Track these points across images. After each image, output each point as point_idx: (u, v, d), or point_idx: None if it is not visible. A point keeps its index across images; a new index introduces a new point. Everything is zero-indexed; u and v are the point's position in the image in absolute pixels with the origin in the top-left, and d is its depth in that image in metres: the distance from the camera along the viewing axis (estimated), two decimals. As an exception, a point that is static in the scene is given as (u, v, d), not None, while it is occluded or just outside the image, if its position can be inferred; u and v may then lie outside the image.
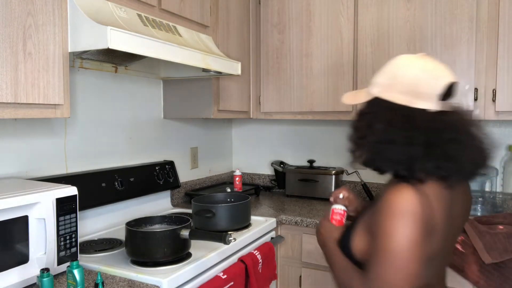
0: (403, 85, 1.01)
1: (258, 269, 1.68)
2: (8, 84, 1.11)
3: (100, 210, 1.79)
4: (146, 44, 1.32)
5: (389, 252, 0.94)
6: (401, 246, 0.93)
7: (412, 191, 0.95)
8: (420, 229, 0.93)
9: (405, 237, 0.93)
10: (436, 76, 1.00)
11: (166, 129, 2.27)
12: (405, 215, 0.93)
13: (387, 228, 0.95)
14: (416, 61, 1.03)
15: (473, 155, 1.02)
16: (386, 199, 0.97)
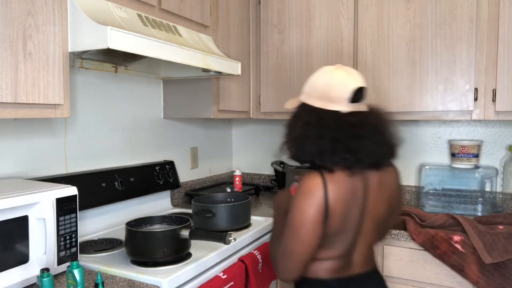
0: (318, 91, 1.24)
1: (258, 269, 1.68)
2: (8, 84, 1.11)
3: (100, 210, 1.79)
4: (146, 44, 1.32)
5: (292, 224, 1.17)
6: (301, 220, 1.15)
7: (318, 178, 1.16)
8: (318, 208, 1.14)
9: (305, 213, 1.15)
10: (344, 83, 1.21)
11: (166, 129, 2.27)
12: (308, 196, 1.15)
13: (294, 205, 1.17)
14: (330, 71, 1.25)
15: (374, 148, 1.21)
16: (302, 180, 1.19)
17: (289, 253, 1.18)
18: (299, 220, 1.16)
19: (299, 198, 1.17)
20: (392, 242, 1.86)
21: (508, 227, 1.72)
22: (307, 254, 1.18)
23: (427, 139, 2.36)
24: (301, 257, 1.18)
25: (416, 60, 2.02)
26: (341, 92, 1.21)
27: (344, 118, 1.20)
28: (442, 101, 1.98)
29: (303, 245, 1.16)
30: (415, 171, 2.39)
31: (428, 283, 1.80)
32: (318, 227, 1.15)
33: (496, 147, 2.21)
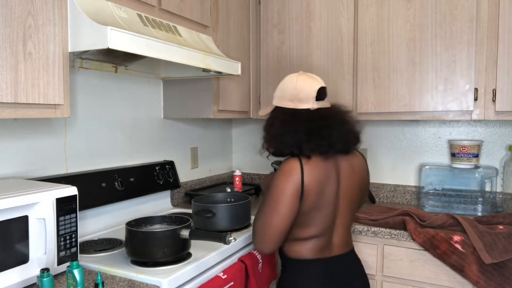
0: (289, 94, 1.46)
1: (258, 269, 1.68)
2: (8, 84, 1.11)
3: (100, 210, 1.79)
4: (146, 44, 1.32)
5: (271, 200, 1.37)
6: (279, 196, 1.35)
7: (296, 161, 1.37)
8: (295, 186, 1.34)
9: (283, 190, 1.35)
10: (309, 85, 1.45)
11: (166, 129, 2.27)
12: (285, 175, 1.36)
13: (274, 183, 1.39)
14: (295, 77, 1.49)
15: (342, 135, 1.42)
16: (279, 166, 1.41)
17: (267, 226, 1.38)
18: (278, 196, 1.36)
19: (279, 177, 1.38)
20: (392, 242, 1.86)
21: (508, 227, 1.72)
22: (282, 227, 1.37)
23: (427, 139, 2.36)
24: (277, 229, 1.37)
25: (416, 60, 2.02)
26: (308, 93, 1.45)
27: (314, 113, 1.43)
28: (442, 101, 1.98)
29: (280, 218, 1.36)
30: (415, 171, 2.39)
31: (428, 283, 1.80)
32: (294, 203, 1.35)
33: (496, 147, 2.21)
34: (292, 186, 1.35)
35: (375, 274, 1.91)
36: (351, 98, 2.19)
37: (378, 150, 2.48)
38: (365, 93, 2.15)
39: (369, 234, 1.89)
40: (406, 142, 2.41)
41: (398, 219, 1.86)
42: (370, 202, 2.41)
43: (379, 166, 2.48)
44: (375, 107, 2.13)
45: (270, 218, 1.37)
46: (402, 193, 2.40)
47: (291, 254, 1.47)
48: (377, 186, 2.47)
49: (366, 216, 1.95)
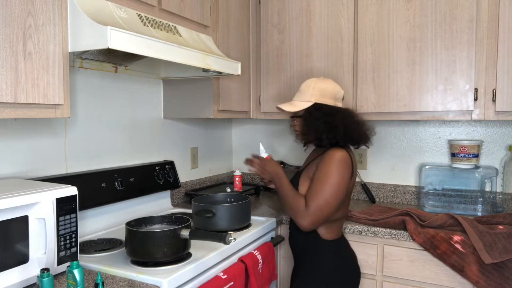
0: (330, 93, 1.67)
1: (258, 269, 1.68)
2: (8, 84, 1.11)
3: (100, 210, 1.79)
4: (146, 44, 1.32)
5: (331, 184, 1.54)
6: (341, 181, 1.55)
7: (343, 150, 1.60)
8: (348, 172, 1.58)
9: (344, 177, 1.56)
10: (339, 88, 1.71)
11: (166, 129, 2.27)
12: (341, 163, 1.56)
13: (329, 169, 1.56)
14: (328, 80, 1.72)
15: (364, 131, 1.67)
16: (328, 155, 1.58)
17: (327, 207, 1.54)
18: (340, 181, 1.55)
19: (338, 165, 1.56)
20: (392, 242, 1.86)
21: (508, 227, 1.72)
22: (335, 209, 1.57)
23: (427, 139, 2.36)
24: (332, 210, 1.56)
25: (416, 60, 2.02)
26: (340, 94, 1.71)
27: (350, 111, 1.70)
28: (442, 101, 1.98)
29: (338, 201, 1.56)
30: (415, 171, 2.39)
31: (428, 283, 1.80)
32: (346, 187, 1.58)
33: (496, 147, 2.21)
34: (348, 172, 1.58)
35: (375, 274, 1.91)
36: (351, 98, 2.19)
37: (378, 150, 2.48)
38: (365, 93, 2.15)
39: (369, 234, 1.89)
40: (406, 142, 2.41)
41: (398, 219, 1.86)
42: (370, 202, 2.41)
43: (379, 166, 2.48)
44: (375, 107, 2.13)
45: (332, 200, 1.54)
46: (402, 193, 2.40)
47: (326, 236, 1.65)
48: (377, 186, 2.47)
49: (366, 216, 1.95)
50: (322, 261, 1.65)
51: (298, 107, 1.67)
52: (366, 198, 2.48)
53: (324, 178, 1.55)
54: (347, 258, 1.71)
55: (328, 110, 1.64)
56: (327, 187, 1.54)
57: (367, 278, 1.92)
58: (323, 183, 1.55)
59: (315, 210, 1.54)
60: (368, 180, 2.50)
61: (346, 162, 1.57)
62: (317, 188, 1.55)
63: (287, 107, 1.70)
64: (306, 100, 1.67)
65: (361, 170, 2.52)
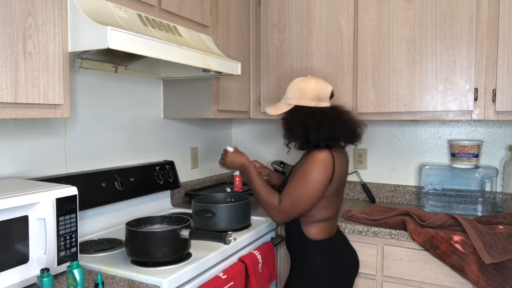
0: (310, 94, 1.65)
1: (258, 269, 1.68)
2: (8, 84, 1.11)
3: (100, 210, 1.79)
4: (146, 44, 1.32)
5: (306, 183, 1.57)
6: (316, 183, 1.57)
7: (327, 152, 1.60)
8: (328, 175, 1.58)
9: (320, 178, 1.57)
10: (326, 87, 1.68)
11: (166, 129, 2.27)
12: (323, 165, 1.57)
13: (308, 170, 1.58)
14: (311, 80, 1.68)
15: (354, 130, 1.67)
16: (310, 156, 1.60)
17: (296, 205, 1.59)
18: (314, 183, 1.56)
19: (317, 166, 1.57)
20: (392, 242, 1.86)
21: (508, 227, 1.72)
22: (308, 209, 1.60)
23: (427, 139, 2.36)
24: (303, 210, 1.60)
25: (416, 60, 2.02)
26: (325, 93, 1.68)
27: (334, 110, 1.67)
28: (442, 101, 1.98)
29: (310, 201, 1.58)
30: (415, 171, 2.39)
31: (428, 283, 1.80)
32: (324, 190, 1.59)
33: (496, 147, 2.21)
34: (326, 176, 1.57)
35: (375, 274, 1.91)
36: (351, 98, 2.19)
37: (378, 150, 2.48)
38: (365, 93, 2.15)
39: (369, 234, 1.89)
40: (406, 142, 2.41)
41: (398, 219, 1.86)
42: (370, 202, 2.41)
43: (379, 166, 2.48)
44: (375, 107, 2.13)
45: (302, 199, 1.58)
46: (402, 193, 2.40)
47: (311, 236, 1.67)
48: (377, 186, 2.47)
49: (366, 216, 1.95)
50: (312, 261, 1.66)
51: (280, 109, 1.70)
52: (366, 198, 2.48)
53: (301, 178, 1.59)
54: (337, 258, 1.70)
55: (306, 112, 1.64)
56: (302, 186, 1.57)
57: (367, 278, 1.92)
58: (299, 182, 1.59)
59: (288, 206, 1.60)
60: (368, 180, 2.50)
61: (325, 163, 1.57)
62: (293, 186, 1.60)
63: (270, 110, 1.74)
64: (287, 102, 1.70)
65: (361, 170, 2.52)
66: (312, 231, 1.67)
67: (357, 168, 2.53)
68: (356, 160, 2.53)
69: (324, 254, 1.67)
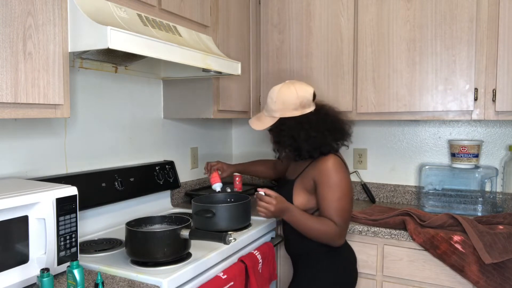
0: (293, 104, 1.61)
1: (258, 269, 1.68)
2: (8, 84, 1.11)
3: (100, 210, 1.79)
4: (146, 44, 1.32)
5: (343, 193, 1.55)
6: (348, 186, 1.58)
7: (334, 155, 1.60)
8: (348, 174, 1.60)
9: (347, 182, 1.58)
10: (306, 90, 1.63)
11: (166, 129, 2.27)
12: (341, 168, 1.58)
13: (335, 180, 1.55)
14: (290, 87, 1.62)
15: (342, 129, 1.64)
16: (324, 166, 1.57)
17: (347, 217, 1.57)
18: (348, 187, 1.57)
19: (337, 172, 1.56)
20: (392, 242, 1.86)
21: (508, 227, 1.72)
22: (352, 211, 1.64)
23: (427, 139, 2.36)
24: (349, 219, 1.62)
25: (416, 60, 2.02)
26: (308, 98, 1.63)
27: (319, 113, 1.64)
28: (442, 101, 1.98)
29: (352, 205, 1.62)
30: (415, 171, 2.39)
31: (428, 283, 1.80)
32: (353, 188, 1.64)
33: (496, 147, 2.21)
34: (348, 175, 1.61)
35: (375, 274, 1.91)
36: (351, 98, 2.19)
37: (378, 150, 2.48)
38: (365, 93, 2.15)
39: (369, 234, 1.89)
40: (406, 142, 2.41)
41: (398, 219, 1.86)
42: (370, 202, 2.41)
43: (379, 166, 2.48)
44: (375, 107, 2.13)
45: (350, 207, 1.60)
46: (402, 193, 2.40)
47: None
48: (377, 186, 2.46)
49: (366, 216, 1.95)
50: (316, 265, 1.65)
51: (265, 124, 1.67)
52: (366, 198, 2.48)
53: (336, 191, 1.55)
54: (342, 262, 1.68)
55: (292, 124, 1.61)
56: (343, 199, 1.56)
57: (367, 278, 1.92)
58: (338, 197, 1.55)
59: (343, 223, 1.57)
60: (368, 180, 2.50)
61: (342, 165, 1.60)
62: (336, 203, 1.55)
63: (254, 124, 1.70)
64: (271, 115, 1.66)
65: (361, 170, 2.52)
66: None
67: (357, 168, 2.53)
68: (356, 160, 2.53)
69: (329, 258, 1.65)
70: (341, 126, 1.65)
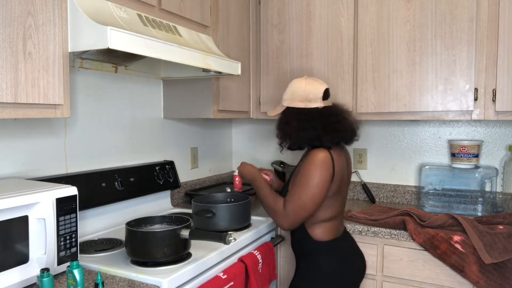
0: (299, 96, 1.66)
1: (258, 269, 1.68)
2: (8, 84, 1.11)
3: (100, 210, 1.79)
4: (146, 44, 1.32)
5: (309, 186, 1.55)
6: (319, 183, 1.55)
7: (326, 152, 1.58)
8: (329, 174, 1.56)
9: (322, 178, 1.55)
10: (316, 87, 1.66)
11: (166, 129, 2.27)
12: (322, 164, 1.56)
13: (309, 172, 1.56)
14: (303, 80, 1.69)
15: (348, 128, 1.66)
16: (309, 157, 1.59)
17: (302, 209, 1.57)
18: (317, 183, 1.55)
19: (316, 166, 1.56)
20: (392, 242, 1.86)
21: (508, 227, 1.72)
22: (314, 210, 1.59)
23: (427, 139, 2.36)
24: (310, 212, 1.58)
25: (416, 60, 2.02)
26: (316, 93, 1.65)
27: (323, 110, 1.65)
28: (442, 101, 1.98)
29: (314, 202, 1.57)
30: (415, 171, 2.39)
31: (428, 283, 1.80)
32: (327, 189, 1.57)
33: (496, 147, 2.21)
34: (327, 174, 1.56)
35: (375, 274, 1.91)
36: (351, 98, 2.19)
37: (378, 150, 2.48)
38: (365, 93, 2.15)
39: (369, 234, 1.89)
40: (406, 142, 2.41)
41: (398, 219, 1.86)
42: (370, 202, 2.41)
43: (379, 166, 2.48)
44: (375, 107, 2.13)
45: (308, 202, 1.56)
46: (402, 193, 2.40)
47: (316, 237, 1.65)
48: (377, 186, 2.46)
49: (366, 216, 1.95)
50: (317, 262, 1.65)
51: (276, 111, 1.76)
52: (366, 198, 2.48)
53: (303, 181, 1.57)
54: (343, 260, 1.68)
55: (292, 113, 1.67)
56: (305, 190, 1.56)
57: (367, 278, 1.92)
58: (301, 186, 1.57)
59: (292, 212, 1.58)
60: (368, 180, 2.50)
61: (325, 163, 1.56)
62: (296, 190, 1.59)
63: (269, 110, 1.83)
64: (282, 104, 1.74)
65: (361, 170, 2.52)
66: (317, 231, 1.65)
67: (357, 168, 2.53)
68: (356, 160, 2.53)
69: (330, 255, 1.65)
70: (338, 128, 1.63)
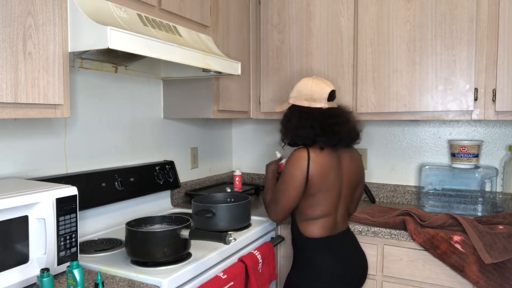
0: (304, 95, 1.71)
1: (258, 269, 1.68)
2: (8, 84, 1.11)
3: (100, 210, 1.79)
4: (146, 44, 1.32)
5: (282, 181, 1.66)
6: (289, 180, 1.63)
7: (304, 151, 1.63)
8: (302, 172, 1.60)
9: (293, 175, 1.62)
10: (322, 88, 1.70)
11: (166, 129, 2.27)
12: (294, 162, 1.62)
13: (284, 169, 1.67)
14: (310, 80, 1.73)
15: (348, 131, 1.68)
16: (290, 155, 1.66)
17: (275, 203, 1.68)
18: (287, 180, 1.63)
19: (288, 165, 1.65)
20: (392, 242, 1.86)
21: (508, 227, 1.72)
22: (289, 205, 1.66)
23: (427, 139, 2.36)
24: (284, 207, 1.66)
25: (416, 60, 2.02)
26: (321, 94, 1.69)
27: (325, 112, 1.68)
28: (442, 101, 1.98)
29: (286, 198, 1.65)
30: (415, 171, 2.39)
31: (428, 283, 1.80)
32: (300, 186, 1.62)
33: (496, 147, 2.21)
34: (299, 172, 1.60)
35: (375, 274, 1.91)
36: (351, 98, 2.19)
37: (378, 150, 2.48)
38: (365, 93, 2.15)
39: (369, 234, 1.89)
40: (406, 142, 2.41)
41: (398, 219, 1.86)
42: (370, 202, 2.41)
43: (379, 166, 2.48)
44: (375, 107, 2.13)
45: (279, 197, 1.67)
46: (402, 193, 2.40)
47: (307, 233, 1.69)
48: (377, 186, 2.46)
49: (367, 216, 1.95)
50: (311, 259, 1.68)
51: (282, 107, 1.82)
52: (366, 198, 2.48)
53: (280, 176, 1.70)
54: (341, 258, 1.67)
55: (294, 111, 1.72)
56: (279, 184, 1.68)
57: (367, 278, 1.92)
58: (279, 181, 1.70)
59: (270, 203, 1.73)
60: (368, 180, 2.50)
61: (297, 161, 1.62)
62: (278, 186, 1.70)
63: (276, 106, 1.88)
64: (287, 101, 1.80)
65: (361, 170, 2.52)
66: (308, 229, 1.68)
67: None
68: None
69: (324, 252, 1.66)
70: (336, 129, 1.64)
